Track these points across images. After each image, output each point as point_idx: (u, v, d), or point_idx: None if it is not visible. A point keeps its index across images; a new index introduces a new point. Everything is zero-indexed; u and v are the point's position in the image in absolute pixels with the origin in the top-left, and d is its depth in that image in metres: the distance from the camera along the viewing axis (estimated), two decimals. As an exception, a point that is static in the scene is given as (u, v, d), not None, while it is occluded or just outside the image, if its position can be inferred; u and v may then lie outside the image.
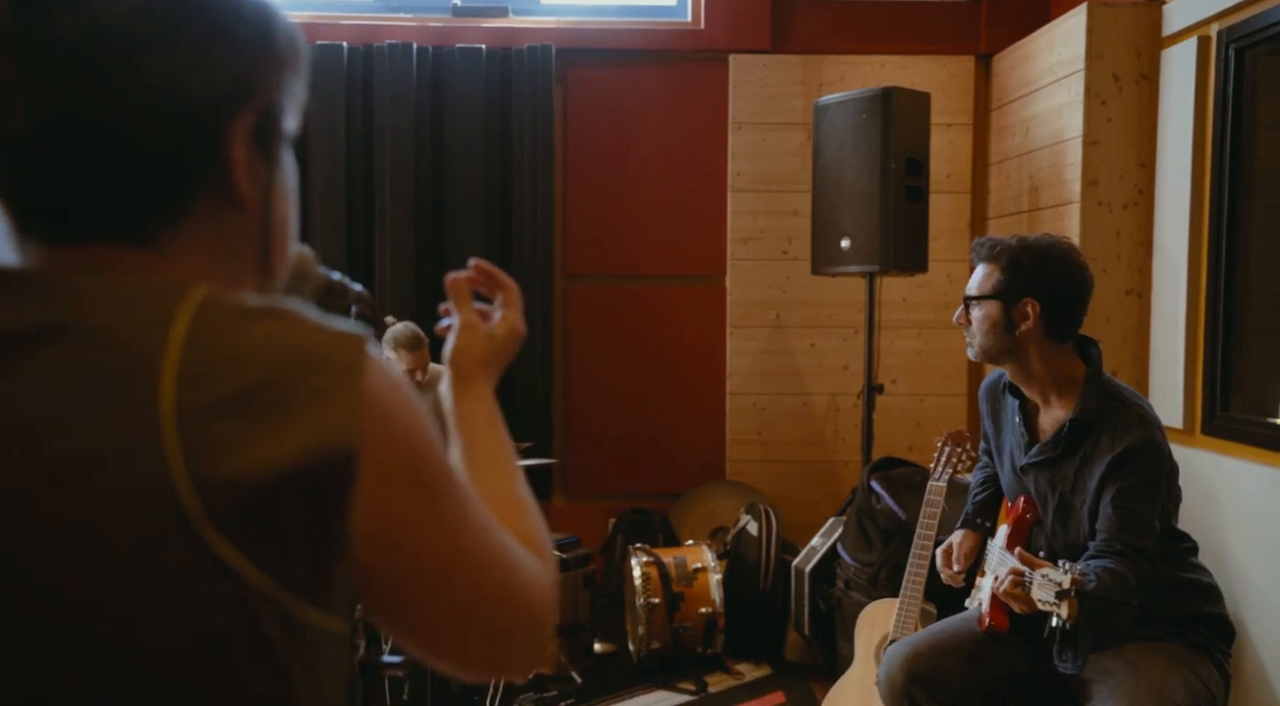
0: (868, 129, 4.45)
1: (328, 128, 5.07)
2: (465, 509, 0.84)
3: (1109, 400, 2.35)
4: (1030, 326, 2.36)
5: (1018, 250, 2.38)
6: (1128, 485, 2.25)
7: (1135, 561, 2.20)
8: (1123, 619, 2.19)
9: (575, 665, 4.04)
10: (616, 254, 5.37)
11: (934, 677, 2.42)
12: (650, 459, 5.40)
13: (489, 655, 0.88)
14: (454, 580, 0.83)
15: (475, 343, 1.12)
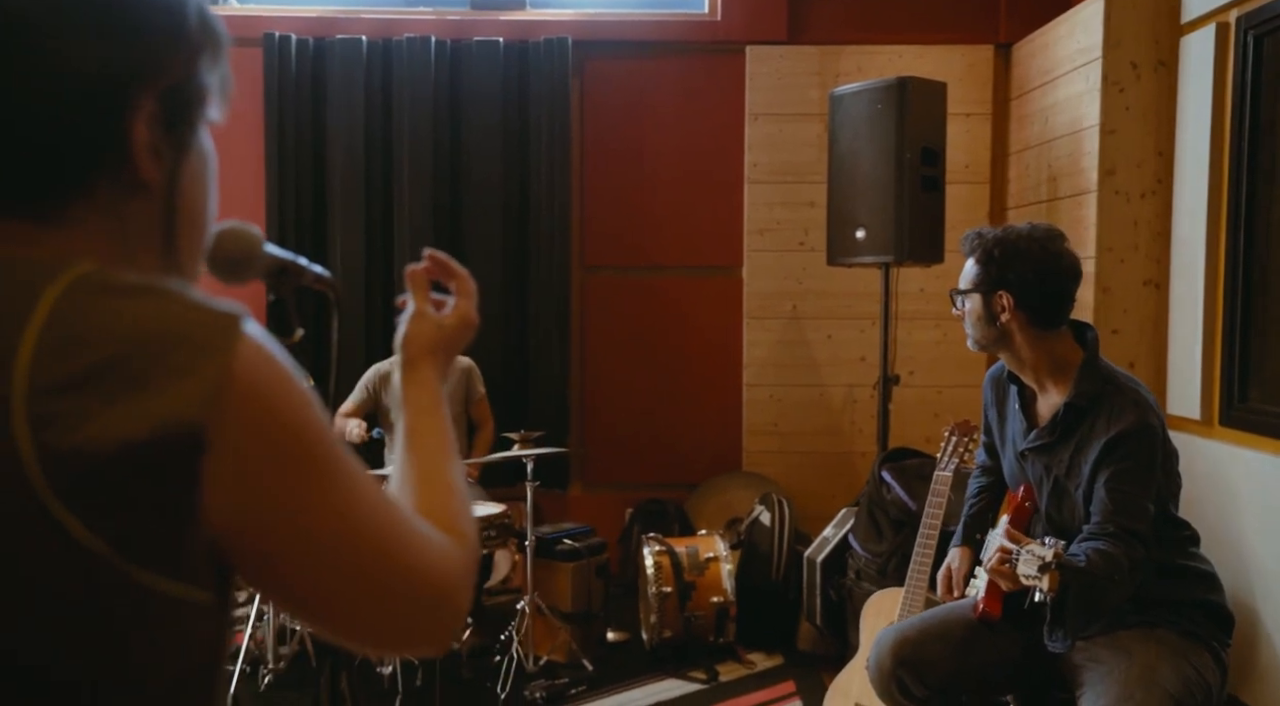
0: (883, 119, 4.43)
1: (347, 122, 5.11)
2: (346, 486, 0.84)
3: (1104, 384, 2.34)
4: (1010, 317, 2.37)
5: (991, 243, 2.38)
6: (1121, 468, 2.25)
7: (1128, 543, 2.19)
8: (1112, 597, 2.18)
9: (587, 653, 4.06)
10: (633, 245, 5.38)
11: (921, 662, 2.42)
12: (667, 449, 5.41)
13: (381, 630, 0.88)
14: (330, 555, 0.83)
15: (424, 330, 1.14)
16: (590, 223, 5.38)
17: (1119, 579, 2.16)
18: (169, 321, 0.77)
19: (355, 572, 0.84)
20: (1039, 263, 2.34)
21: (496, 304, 5.21)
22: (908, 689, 2.43)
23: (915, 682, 2.42)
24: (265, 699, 3.72)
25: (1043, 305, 2.36)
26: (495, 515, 3.97)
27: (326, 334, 4.54)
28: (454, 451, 1.06)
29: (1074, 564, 2.11)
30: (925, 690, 2.42)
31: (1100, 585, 2.14)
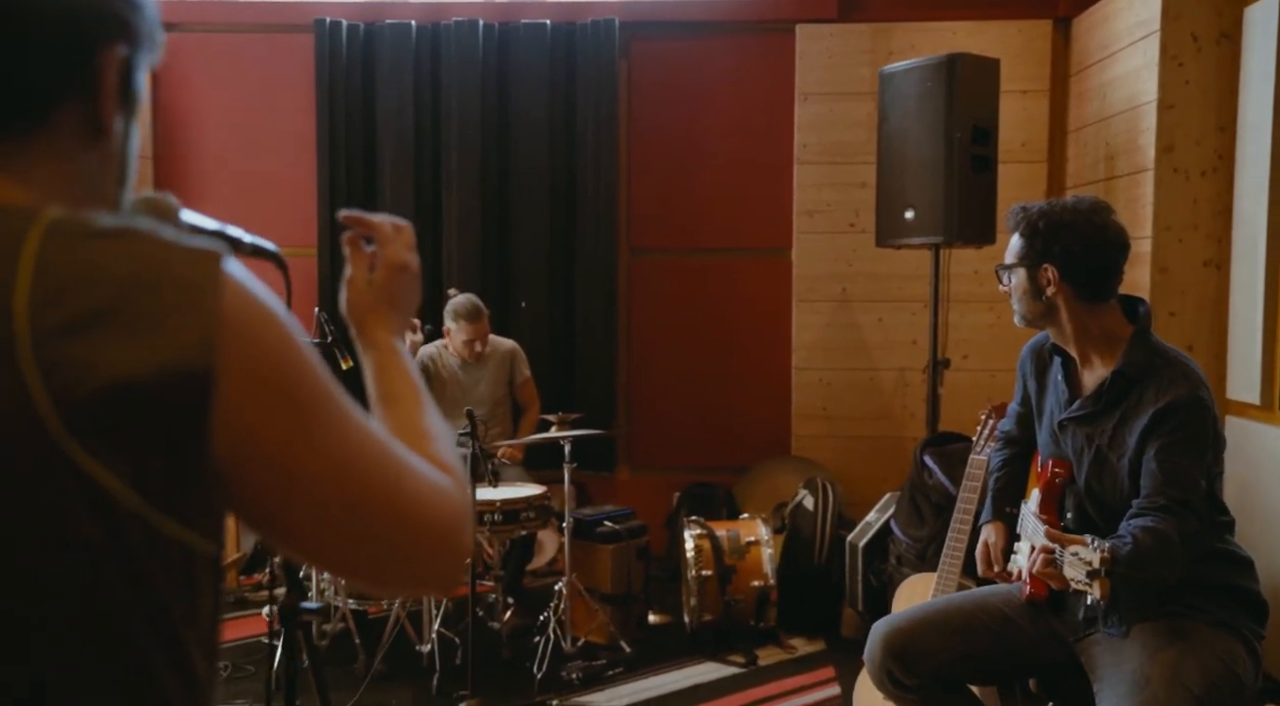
0: (932, 97, 4.33)
1: (397, 106, 5.16)
2: (339, 421, 0.85)
3: (1154, 356, 2.27)
4: (1055, 290, 2.31)
5: (1036, 216, 2.32)
6: (1173, 440, 2.17)
7: (1180, 516, 2.11)
8: (1166, 575, 2.11)
9: (626, 635, 4.06)
10: (681, 227, 5.35)
11: (912, 652, 2.37)
12: (715, 433, 5.38)
13: (384, 566, 0.90)
14: (329, 490, 0.84)
15: (356, 292, 1.14)
16: (637, 205, 5.37)
17: (1171, 557, 2.09)
18: (156, 261, 0.78)
19: (353, 508, 0.85)
20: (1084, 235, 2.27)
21: (543, 287, 5.23)
22: (898, 679, 2.39)
23: (904, 672, 2.37)
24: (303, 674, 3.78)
25: (1089, 278, 2.29)
26: (535, 496, 3.99)
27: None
28: (426, 401, 1.06)
29: (1121, 562, 2.02)
30: (915, 679, 2.36)
31: (1156, 571, 2.07)
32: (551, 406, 5.23)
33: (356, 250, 1.15)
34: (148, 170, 5.31)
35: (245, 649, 4.01)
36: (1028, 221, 2.33)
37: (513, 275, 5.24)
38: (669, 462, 5.40)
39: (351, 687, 3.66)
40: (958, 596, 2.58)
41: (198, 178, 5.35)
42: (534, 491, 4.04)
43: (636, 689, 3.72)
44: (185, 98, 5.32)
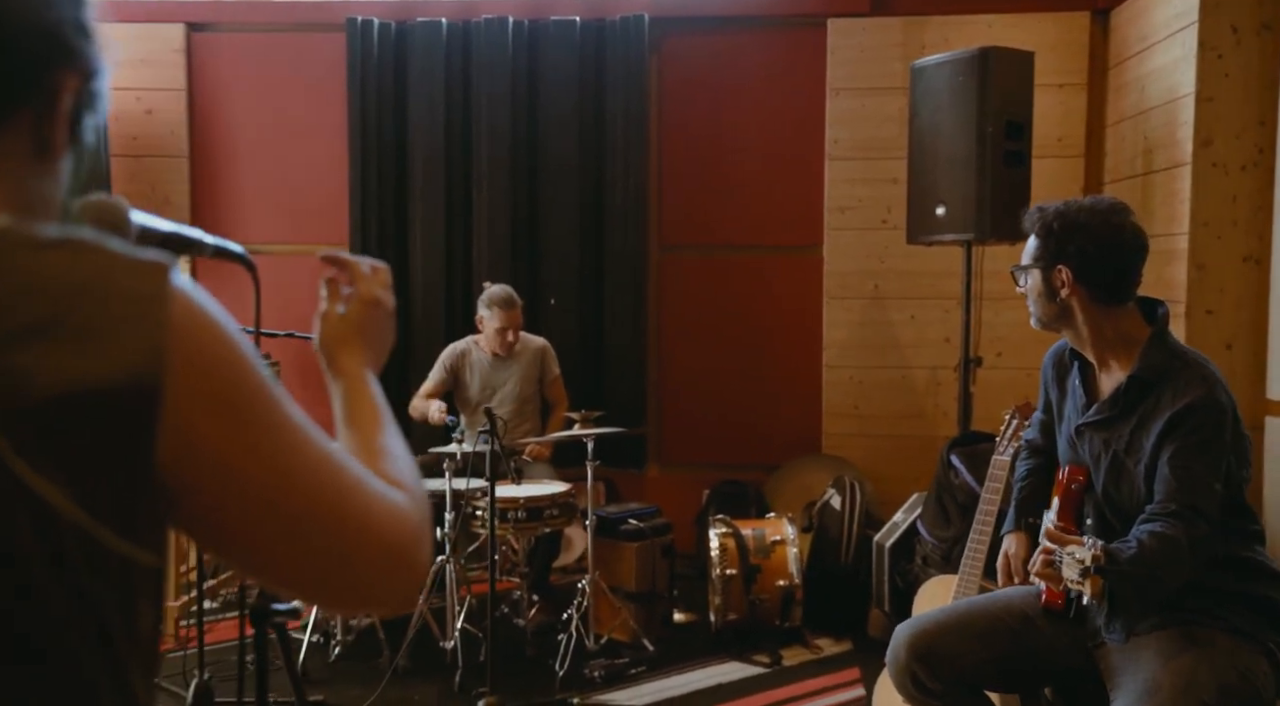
0: (964, 92, 4.27)
1: (428, 104, 5.18)
2: (290, 435, 0.84)
3: (1171, 359, 2.22)
4: (1070, 292, 2.26)
5: (1051, 217, 2.27)
6: (1186, 444, 2.12)
7: (1190, 522, 2.06)
8: (1170, 581, 2.07)
9: (650, 633, 4.06)
10: (711, 224, 5.33)
11: (937, 655, 2.33)
12: (745, 431, 5.35)
13: (334, 582, 0.88)
14: (274, 503, 0.83)
15: (329, 325, 1.14)
16: (667, 202, 5.35)
17: (1176, 562, 2.05)
18: (102, 272, 0.78)
19: (299, 521, 0.84)
20: (1099, 236, 2.23)
21: (573, 284, 5.22)
22: (921, 682, 2.35)
23: (929, 677, 2.33)
24: (333, 669, 3.82)
25: (1105, 280, 2.25)
26: (559, 494, 3.99)
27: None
28: (388, 424, 1.06)
29: (1118, 562, 1.99)
30: (940, 684, 2.33)
31: (1154, 574, 2.03)
32: (580, 404, 5.22)
33: (333, 289, 1.16)
34: (183, 168, 5.38)
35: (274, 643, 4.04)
36: (1043, 222, 2.28)
37: (542, 273, 5.25)
38: (699, 460, 5.38)
39: (386, 683, 3.68)
40: (980, 599, 2.53)
41: (232, 177, 5.41)
42: (558, 489, 4.04)
43: (658, 687, 3.71)
44: (219, 97, 5.38)
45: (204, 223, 5.39)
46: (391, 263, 5.23)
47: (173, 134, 5.37)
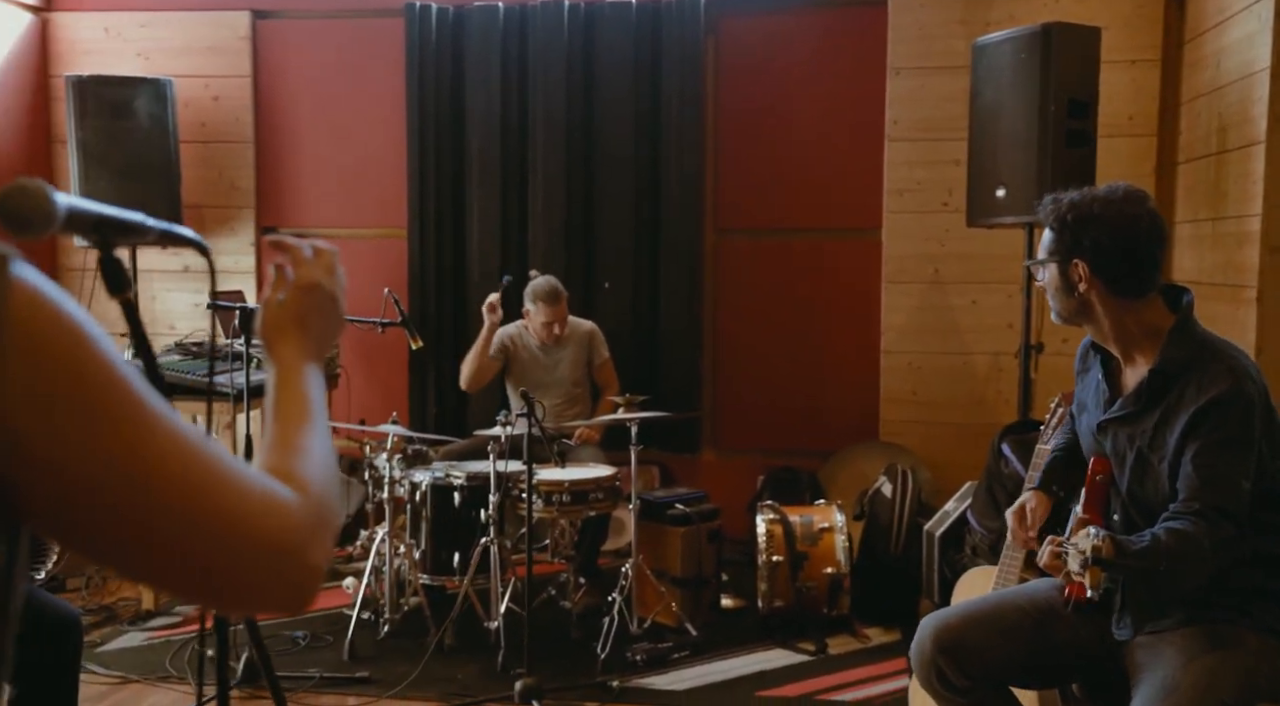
0: (1026, 69, 4.14)
1: (484, 86, 5.21)
2: (141, 428, 0.81)
3: (1198, 350, 2.12)
4: (1088, 286, 2.17)
5: (1065, 209, 2.18)
6: (1211, 441, 2.03)
7: (1214, 523, 1.98)
8: (1186, 580, 1.99)
9: (696, 618, 4.04)
10: (768, 207, 5.26)
11: (962, 649, 2.27)
12: (801, 417, 5.29)
13: (201, 584, 0.85)
14: (120, 499, 0.80)
15: (268, 313, 1.13)
16: (724, 185, 5.30)
17: (1194, 561, 1.97)
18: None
19: (151, 524, 0.81)
20: (1115, 228, 2.13)
21: (627, 268, 5.21)
22: (947, 678, 2.28)
23: (956, 672, 2.27)
24: (380, 647, 3.87)
25: (1122, 273, 2.15)
26: (604, 477, 3.99)
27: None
28: (312, 419, 1.03)
29: (1126, 554, 1.92)
30: (967, 680, 2.26)
31: (1167, 569, 1.95)
32: (634, 388, 5.21)
33: (279, 275, 1.15)
34: (249, 154, 5.48)
35: (327, 620, 4.11)
36: (1057, 214, 2.19)
37: (597, 256, 5.24)
38: (754, 446, 5.34)
39: (431, 660, 3.73)
40: (1007, 591, 2.46)
41: (295, 162, 5.50)
42: (603, 472, 4.04)
43: (700, 672, 3.70)
44: (283, 83, 5.47)
45: (268, 207, 5.51)
46: (449, 247, 5.31)
47: (238, 120, 5.48)
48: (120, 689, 3.55)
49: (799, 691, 3.57)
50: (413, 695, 3.48)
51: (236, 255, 5.53)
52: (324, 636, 3.97)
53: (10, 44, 5.34)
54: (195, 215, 5.48)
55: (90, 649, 3.87)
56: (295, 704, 3.43)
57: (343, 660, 3.77)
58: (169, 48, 5.47)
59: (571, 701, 3.44)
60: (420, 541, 4.00)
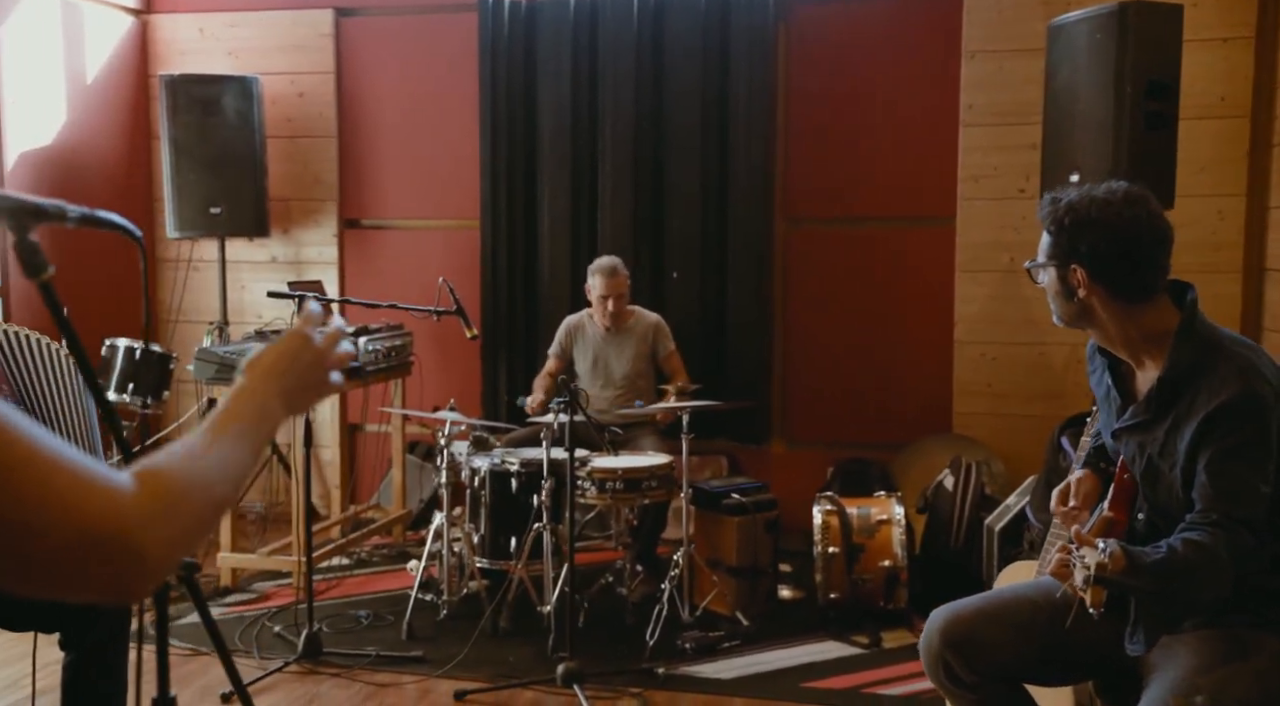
0: (1102, 50, 4.00)
1: (555, 77, 5.26)
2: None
3: (1205, 353, 2.01)
4: (1087, 292, 2.07)
5: (1063, 211, 2.07)
6: (1224, 447, 1.93)
7: (1232, 532, 1.89)
8: (1202, 593, 1.89)
9: (752, 608, 4.03)
10: (839, 195, 5.19)
11: (972, 644, 2.19)
12: (872, 408, 5.22)
13: (16, 568, 0.85)
14: None
15: (258, 352, 1.18)
16: (794, 173, 5.25)
17: (1212, 574, 1.88)
18: None
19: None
20: (1114, 231, 2.02)
21: (695, 257, 5.20)
22: (955, 673, 2.22)
23: (963, 667, 2.20)
24: (439, 627, 3.96)
25: (1122, 278, 2.05)
26: (659, 466, 4.00)
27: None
28: (230, 434, 1.06)
29: (1139, 567, 1.83)
30: (974, 675, 2.19)
31: (1182, 585, 1.87)
32: (701, 378, 5.22)
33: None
34: (332, 148, 5.65)
35: (391, 600, 4.23)
36: (1054, 217, 2.08)
37: (665, 247, 5.25)
38: (824, 437, 5.29)
39: (478, 642, 3.81)
40: (1023, 585, 2.39)
41: (375, 155, 5.65)
42: (658, 461, 4.06)
43: (748, 662, 3.69)
44: (364, 79, 5.62)
45: (350, 200, 5.67)
46: (520, 239, 5.39)
47: (322, 115, 5.65)
48: (191, 660, 3.71)
49: (846, 684, 3.53)
50: (461, 675, 3.56)
51: (320, 247, 5.71)
52: (386, 616, 4.09)
53: (112, 46, 5.60)
54: (282, 208, 5.67)
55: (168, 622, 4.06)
56: (350, 679, 3.54)
57: (400, 639, 3.87)
58: (257, 46, 5.67)
59: (616, 686, 3.47)
60: (479, 526, 4.08)
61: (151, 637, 2.34)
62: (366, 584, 4.56)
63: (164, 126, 5.19)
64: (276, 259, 5.75)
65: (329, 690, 3.46)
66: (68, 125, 5.32)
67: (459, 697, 3.39)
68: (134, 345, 4.98)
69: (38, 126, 5.14)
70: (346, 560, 4.83)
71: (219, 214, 5.22)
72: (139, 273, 5.76)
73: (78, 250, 5.30)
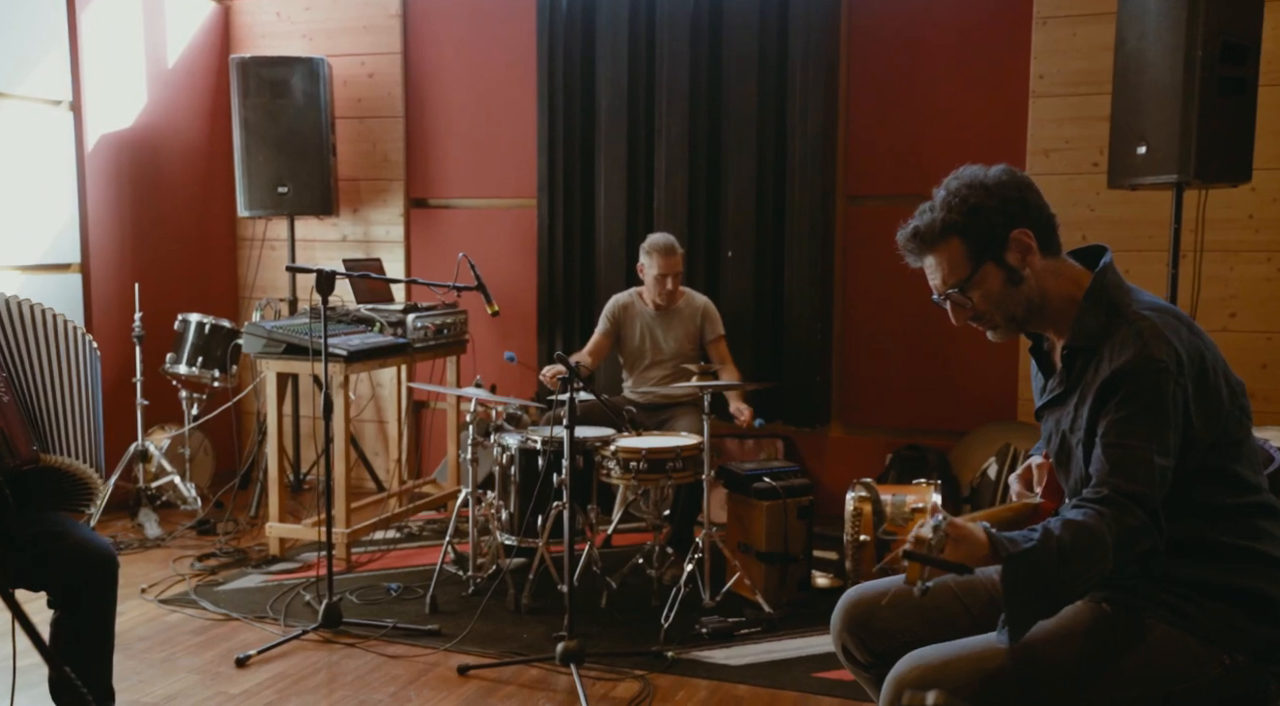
0: (1172, 11, 3.72)
1: (612, 53, 5.20)
2: None
3: (1111, 316, 1.86)
4: (1035, 255, 1.92)
5: (954, 199, 1.91)
6: (1118, 417, 1.77)
7: (1121, 509, 1.73)
8: (1080, 580, 1.74)
9: (782, 596, 3.91)
10: (902, 172, 4.98)
11: (868, 629, 2.06)
12: (935, 393, 5.01)
13: None
14: None
15: None
16: (855, 149, 5.06)
17: (1088, 558, 1.72)
18: None
19: None
20: (1006, 184, 1.93)
21: (750, 236, 5.08)
22: (853, 654, 2.11)
23: (859, 648, 2.09)
24: (463, 602, 3.97)
25: (1044, 220, 1.96)
26: (686, 447, 3.92)
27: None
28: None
29: (1014, 556, 1.70)
30: (870, 657, 2.07)
31: (1053, 573, 1.71)
32: (756, 361, 5.12)
33: None
34: (399, 128, 5.72)
35: (427, 574, 4.25)
36: (950, 211, 1.92)
37: (721, 224, 5.14)
38: (884, 422, 5.10)
39: (499, 619, 3.81)
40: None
41: (439, 135, 5.69)
42: (685, 441, 3.97)
43: (764, 650, 3.58)
44: (429, 59, 5.67)
45: (416, 179, 5.73)
46: (577, 218, 5.37)
47: (390, 95, 5.73)
48: (220, 625, 3.82)
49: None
50: (472, 650, 3.56)
51: (388, 226, 5.80)
52: (417, 589, 4.12)
53: (194, 31, 5.80)
54: (351, 188, 5.78)
55: (210, 587, 4.20)
56: (364, 650, 3.58)
57: (424, 613, 3.90)
58: (329, 28, 5.78)
59: (621, 668, 3.41)
60: (508, 503, 4.08)
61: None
62: (409, 557, 4.62)
63: (235, 108, 5.34)
64: (347, 237, 5.86)
65: (340, 659, 3.51)
66: (149, 108, 5.53)
67: (462, 672, 3.39)
68: (204, 320, 5.19)
69: (118, 109, 5.35)
70: (396, 534, 4.90)
71: (286, 193, 5.35)
72: (220, 250, 5.97)
73: (165, 230, 5.51)
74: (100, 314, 5.24)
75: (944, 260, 1.95)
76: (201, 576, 4.32)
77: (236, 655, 3.47)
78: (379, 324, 4.71)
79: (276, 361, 4.46)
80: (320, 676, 3.37)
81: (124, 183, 5.41)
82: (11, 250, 4.83)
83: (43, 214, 4.98)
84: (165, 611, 3.94)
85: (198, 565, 4.44)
